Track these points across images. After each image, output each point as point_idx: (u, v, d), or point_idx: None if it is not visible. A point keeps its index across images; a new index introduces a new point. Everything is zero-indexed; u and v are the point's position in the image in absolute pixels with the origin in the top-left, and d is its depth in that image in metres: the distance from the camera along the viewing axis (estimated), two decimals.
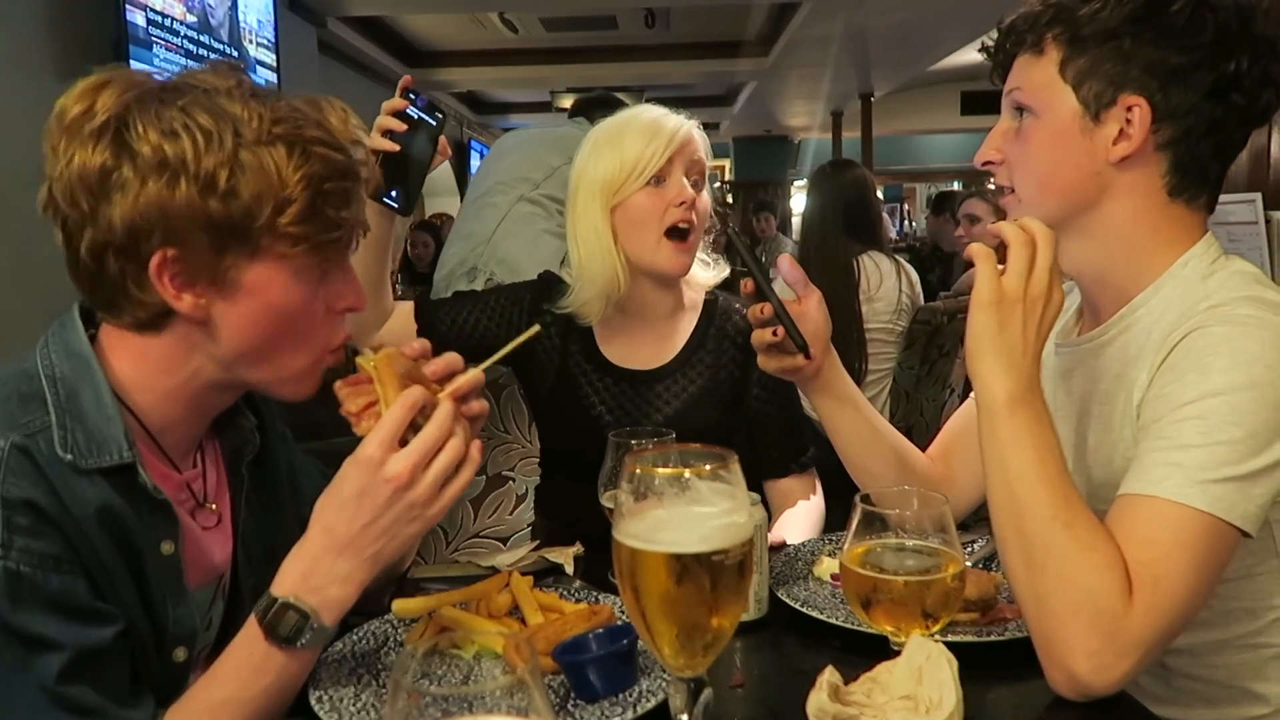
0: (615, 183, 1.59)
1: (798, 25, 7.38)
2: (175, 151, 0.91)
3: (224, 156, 0.92)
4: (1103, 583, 0.94)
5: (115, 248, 0.93)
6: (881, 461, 1.38)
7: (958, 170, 15.78)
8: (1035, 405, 1.03)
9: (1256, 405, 0.98)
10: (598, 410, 1.68)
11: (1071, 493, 1.00)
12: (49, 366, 0.97)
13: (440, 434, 0.96)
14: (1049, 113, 1.14)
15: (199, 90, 0.95)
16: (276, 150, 0.94)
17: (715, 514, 0.78)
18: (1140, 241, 1.14)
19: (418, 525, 0.96)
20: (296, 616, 0.93)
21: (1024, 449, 1.01)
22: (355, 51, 7.50)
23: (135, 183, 0.91)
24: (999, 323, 1.03)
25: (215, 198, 0.92)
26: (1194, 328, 1.04)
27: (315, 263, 0.99)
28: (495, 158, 3.08)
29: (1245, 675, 1.12)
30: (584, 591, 1.23)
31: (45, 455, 0.91)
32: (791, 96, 11.57)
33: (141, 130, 0.91)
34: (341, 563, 0.95)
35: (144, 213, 0.91)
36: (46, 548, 0.89)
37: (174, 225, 0.92)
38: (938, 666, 0.88)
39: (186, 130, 0.92)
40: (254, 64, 4.61)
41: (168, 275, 0.94)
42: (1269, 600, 1.10)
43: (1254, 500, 0.97)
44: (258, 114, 0.94)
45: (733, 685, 1.04)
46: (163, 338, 0.99)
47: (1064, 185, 1.14)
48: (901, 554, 0.98)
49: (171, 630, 1.01)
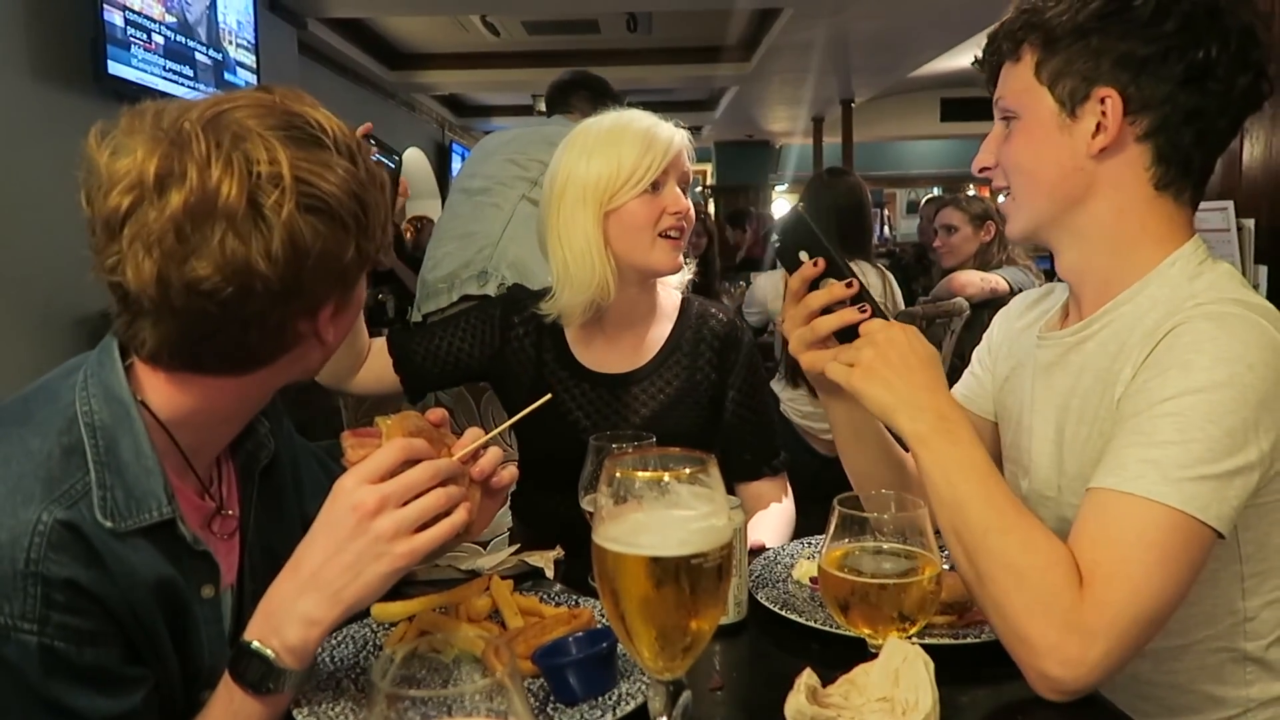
0: (610, 189, 1.59)
1: (779, 31, 7.41)
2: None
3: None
4: (1048, 580, 0.97)
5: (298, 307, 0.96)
6: (886, 467, 1.38)
7: (938, 176, 15.88)
8: (950, 433, 1.07)
9: (1236, 404, 0.98)
10: (574, 416, 1.68)
11: (1003, 501, 1.03)
12: (88, 414, 0.95)
13: (424, 477, 0.93)
14: (1029, 114, 1.17)
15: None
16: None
17: (694, 517, 0.79)
18: (1128, 237, 1.16)
19: (385, 564, 0.90)
20: (259, 663, 0.90)
21: (947, 472, 1.05)
22: (336, 53, 7.46)
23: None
24: (880, 384, 1.10)
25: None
26: (1179, 323, 1.05)
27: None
28: (483, 157, 3.06)
29: (1204, 680, 1.13)
30: (564, 595, 1.23)
31: (89, 525, 0.90)
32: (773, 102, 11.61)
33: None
34: (302, 601, 0.90)
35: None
36: (83, 624, 0.88)
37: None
38: (914, 668, 0.89)
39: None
40: (234, 65, 4.59)
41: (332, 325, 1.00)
42: (1229, 605, 1.11)
43: (1228, 501, 0.98)
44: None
45: (712, 688, 1.05)
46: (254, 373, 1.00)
47: (1050, 183, 1.17)
48: (879, 557, 0.99)
49: (204, 675, 1.00)
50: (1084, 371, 1.18)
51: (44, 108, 3.34)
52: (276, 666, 0.90)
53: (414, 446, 0.94)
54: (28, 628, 0.85)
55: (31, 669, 0.85)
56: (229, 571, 1.09)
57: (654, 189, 1.60)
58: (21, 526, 0.87)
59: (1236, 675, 1.12)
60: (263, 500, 1.14)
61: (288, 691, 0.92)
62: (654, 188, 1.60)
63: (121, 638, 0.91)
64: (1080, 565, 0.98)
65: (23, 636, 0.85)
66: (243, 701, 0.91)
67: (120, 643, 0.91)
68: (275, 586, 0.93)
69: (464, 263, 2.86)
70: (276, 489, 1.17)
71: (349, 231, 0.93)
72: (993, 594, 1.00)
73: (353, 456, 0.96)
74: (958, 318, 3.43)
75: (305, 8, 5.99)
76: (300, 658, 0.91)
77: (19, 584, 0.85)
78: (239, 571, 1.10)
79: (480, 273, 2.81)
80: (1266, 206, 2.25)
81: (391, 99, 9.40)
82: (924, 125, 12.96)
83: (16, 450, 0.92)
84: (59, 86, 3.42)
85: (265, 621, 0.92)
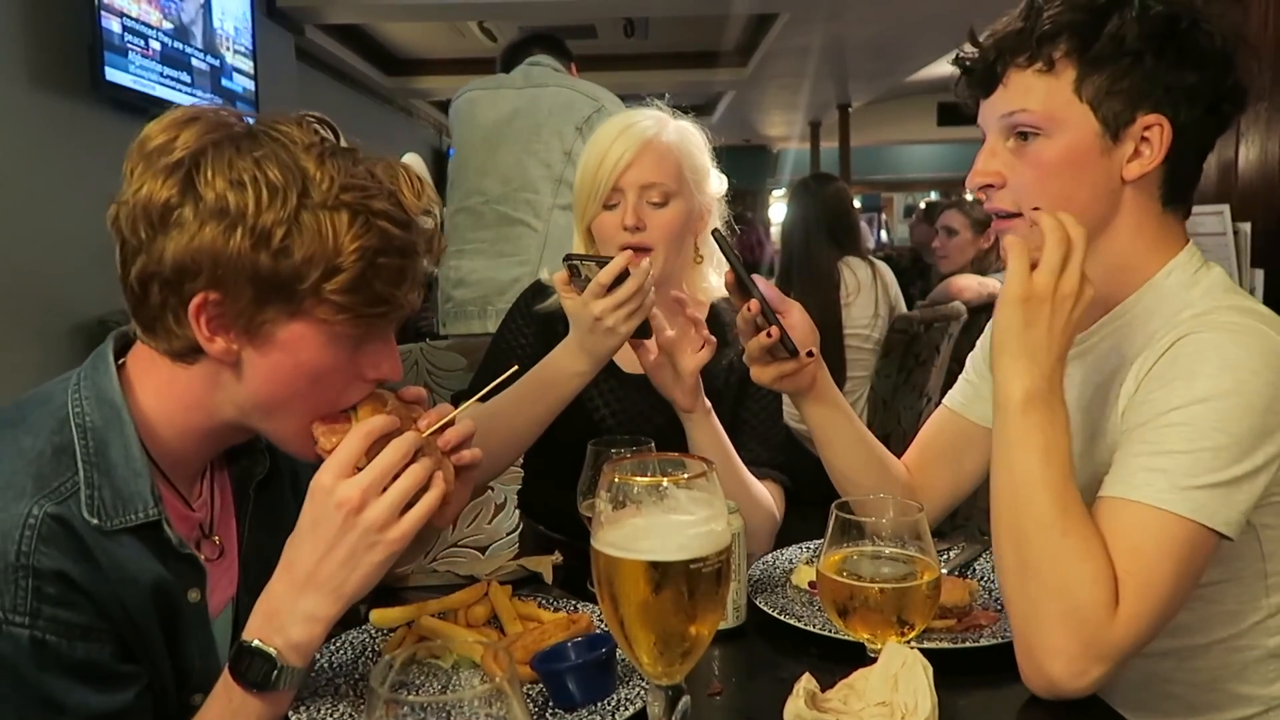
0: (582, 202, 1.60)
1: (776, 36, 7.43)
2: (238, 202, 0.90)
3: (284, 215, 0.91)
4: (1091, 594, 0.96)
5: (162, 280, 0.93)
6: (865, 470, 1.39)
7: (935, 180, 15.90)
8: (1052, 406, 1.02)
9: (1242, 412, 0.99)
10: (601, 414, 1.68)
11: (1073, 500, 1.00)
12: (80, 415, 0.96)
13: (397, 458, 0.93)
14: (1067, 133, 1.11)
15: (279, 142, 0.94)
16: (339, 216, 0.92)
17: (693, 522, 0.79)
18: (1136, 253, 1.16)
19: (379, 553, 0.92)
20: (262, 661, 0.91)
21: (1031, 450, 1.01)
22: (334, 60, 7.46)
23: (194, 224, 0.91)
24: (1024, 320, 1.02)
25: (267, 253, 0.91)
26: (1182, 334, 1.05)
27: (354, 331, 0.97)
28: (484, 143, 2.86)
29: (1228, 678, 1.13)
30: (562, 600, 1.23)
31: (79, 521, 0.91)
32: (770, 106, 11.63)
33: (210, 175, 0.91)
34: (304, 601, 0.92)
35: (195, 254, 0.91)
36: (75, 618, 0.89)
37: (221, 272, 0.91)
38: (913, 673, 0.89)
39: (254, 183, 0.91)
40: (230, 71, 4.59)
41: (205, 317, 0.93)
42: (1253, 603, 1.12)
43: (1236, 506, 0.98)
44: (330, 176, 0.93)
45: (710, 693, 1.05)
46: (191, 370, 0.98)
47: (1082, 206, 1.10)
48: (878, 562, 0.99)
49: (195, 678, 1.01)
50: (1084, 385, 1.18)
51: (42, 114, 3.34)
52: (280, 664, 0.91)
53: (374, 426, 0.94)
54: (19, 620, 0.86)
55: (24, 662, 0.86)
56: (228, 586, 1.09)
57: (611, 207, 1.57)
58: (12, 520, 0.88)
59: (1260, 673, 1.12)
60: (260, 515, 1.14)
61: (288, 690, 0.93)
62: (611, 206, 1.57)
63: (114, 634, 0.92)
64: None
65: (14, 630, 0.86)
66: (243, 700, 0.91)
67: (113, 639, 0.92)
68: (271, 587, 0.94)
69: (498, 289, 2.74)
70: (276, 504, 1.17)
71: (230, 230, 0.91)
72: (1032, 589, 0.99)
73: (325, 445, 0.97)
74: (955, 322, 3.44)
75: (303, 14, 5.99)
76: (304, 655, 0.92)
77: (10, 577, 0.86)
78: (238, 586, 1.10)
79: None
80: (1262, 210, 2.26)
81: (389, 105, 9.41)
82: (921, 129, 12.98)
83: (9, 449, 0.93)
84: (57, 93, 3.41)
85: (266, 622, 0.92)
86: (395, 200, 0.96)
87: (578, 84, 2.93)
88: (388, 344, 1.03)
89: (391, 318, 1.00)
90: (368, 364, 1.01)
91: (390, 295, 0.97)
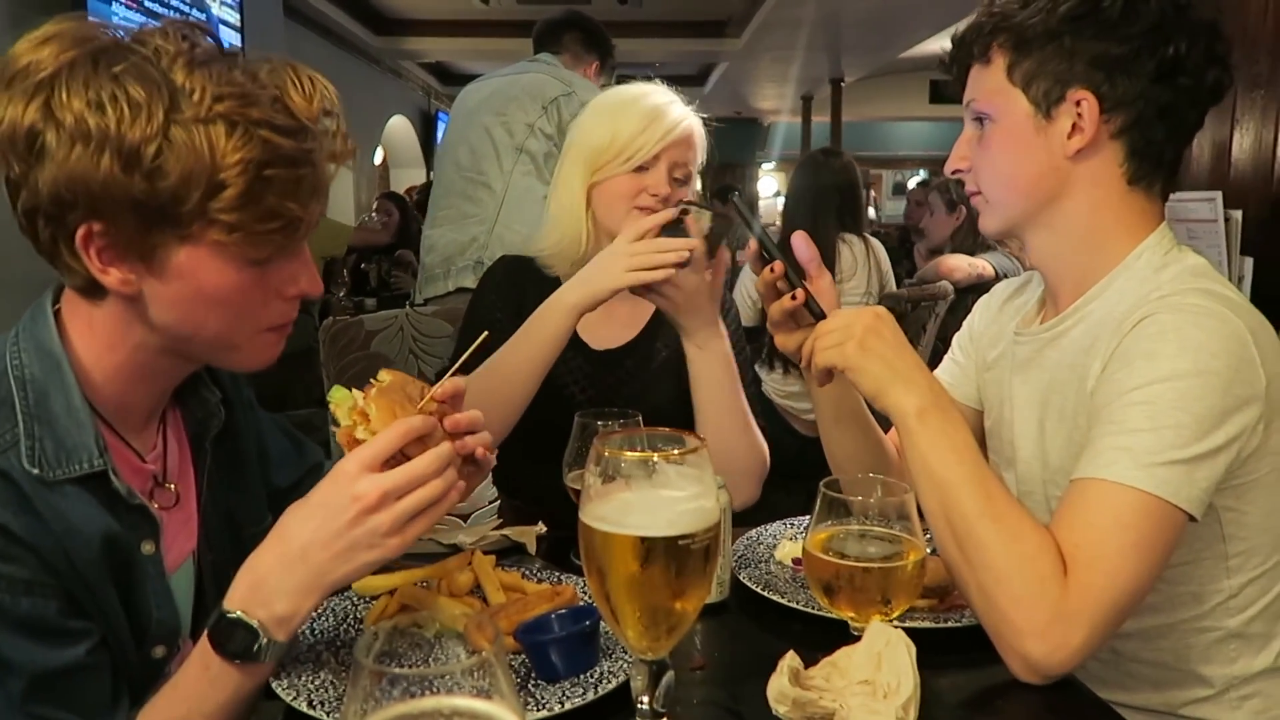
0: (600, 160, 1.60)
1: (771, 7, 7.38)
2: (98, 123, 0.84)
3: (151, 131, 0.85)
4: (1035, 568, 0.99)
5: (44, 214, 0.89)
6: (865, 447, 1.39)
7: (924, 158, 15.89)
8: (944, 409, 1.09)
9: (1202, 391, 1.02)
10: (570, 390, 1.67)
11: (994, 487, 1.05)
12: (18, 366, 0.93)
13: (428, 473, 0.90)
14: (1004, 116, 1.18)
15: (142, 55, 0.87)
16: (215, 128, 0.86)
17: (683, 498, 0.78)
18: (1101, 231, 1.18)
19: (375, 554, 0.90)
20: (244, 632, 0.89)
21: (942, 451, 1.06)
22: (322, 17, 7.35)
23: (59, 151, 0.85)
24: (878, 359, 1.10)
25: (140, 175, 0.85)
26: (1144, 315, 1.07)
27: (257, 252, 0.92)
28: (464, 120, 2.95)
29: (1191, 659, 1.15)
30: (546, 571, 1.23)
31: (19, 473, 0.89)
32: (763, 79, 11.56)
33: (67, 97, 0.85)
34: (291, 576, 0.89)
35: (68, 183, 0.85)
36: (17, 572, 0.87)
37: (97, 199, 0.86)
38: (896, 652, 0.89)
39: (113, 101, 0.84)
40: (217, 23, 4.50)
41: (94, 249, 0.89)
42: (1214, 585, 1.14)
43: (1198, 484, 1.01)
44: (201, 86, 0.86)
45: (693, 667, 1.05)
46: (104, 307, 0.95)
47: (1026, 183, 1.18)
48: (864, 541, 0.99)
49: (153, 630, 0.99)
50: (1059, 367, 1.20)
51: None
52: (262, 637, 0.89)
53: (413, 426, 0.92)
54: None
55: None
56: (188, 539, 1.07)
57: (643, 170, 1.59)
58: None
59: (1222, 654, 1.15)
60: (219, 470, 1.13)
61: (269, 662, 0.92)
62: (643, 169, 1.59)
63: (60, 589, 0.90)
64: (1062, 550, 1.00)
65: None
66: (221, 669, 0.90)
67: (59, 594, 0.90)
68: (259, 557, 0.92)
69: (459, 249, 2.78)
70: (236, 460, 1.15)
71: (96, 153, 0.85)
72: (981, 580, 1.01)
73: (344, 421, 0.94)
74: (942, 301, 3.44)
75: None
76: (288, 629, 0.91)
77: None
78: (198, 539, 1.09)
79: (476, 262, 2.74)
80: (1254, 198, 2.26)
81: (377, 65, 9.28)
82: (913, 106, 12.96)
83: None
84: None
85: (251, 593, 0.90)
86: (281, 106, 0.90)
87: (558, 71, 2.96)
88: (301, 259, 0.98)
89: (294, 232, 0.94)
90: (282, 281, 0.97)
91: (285, 209, 0.91)
